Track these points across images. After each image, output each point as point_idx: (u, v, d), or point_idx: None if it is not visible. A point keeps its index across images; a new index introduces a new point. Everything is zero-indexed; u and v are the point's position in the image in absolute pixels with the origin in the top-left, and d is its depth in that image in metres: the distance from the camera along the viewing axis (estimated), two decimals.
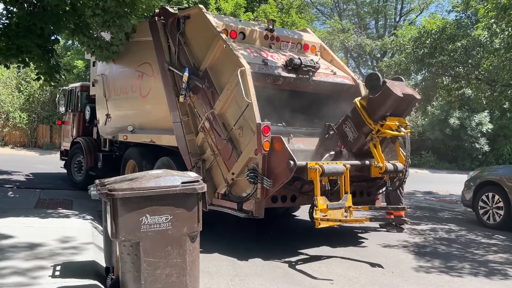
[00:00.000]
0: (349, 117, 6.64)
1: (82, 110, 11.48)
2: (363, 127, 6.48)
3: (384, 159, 6.51)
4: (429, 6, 32.40)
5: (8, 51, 7.40)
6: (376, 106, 6.38)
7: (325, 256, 6.13)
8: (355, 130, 6.57)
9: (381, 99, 6.30)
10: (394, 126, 6.40)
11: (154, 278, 3.65)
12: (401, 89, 6.38)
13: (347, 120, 6.66)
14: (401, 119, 6.51)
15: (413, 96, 6.53)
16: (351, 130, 6.62)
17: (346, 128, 6.67)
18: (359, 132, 6.53)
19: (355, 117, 6.56)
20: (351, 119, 6.62)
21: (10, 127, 23.18)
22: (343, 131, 6.70)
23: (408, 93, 6.45)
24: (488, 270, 5.79)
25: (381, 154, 6.52)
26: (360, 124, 6.50)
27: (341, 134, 6.72)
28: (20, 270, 4.42)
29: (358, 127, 6.54)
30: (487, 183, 8.78)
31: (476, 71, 13.86)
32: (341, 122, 6.73)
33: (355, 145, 6.64)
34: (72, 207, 8.08)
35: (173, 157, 7.40)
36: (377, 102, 6.35)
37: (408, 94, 6.43)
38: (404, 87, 6.60)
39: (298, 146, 7.00)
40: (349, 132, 6.64)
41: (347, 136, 6.66)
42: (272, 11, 19.81)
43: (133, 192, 3.59)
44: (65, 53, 25.31)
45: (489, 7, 11.23)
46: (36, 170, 14.15)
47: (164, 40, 7.50)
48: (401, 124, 6.46)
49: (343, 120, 6.70)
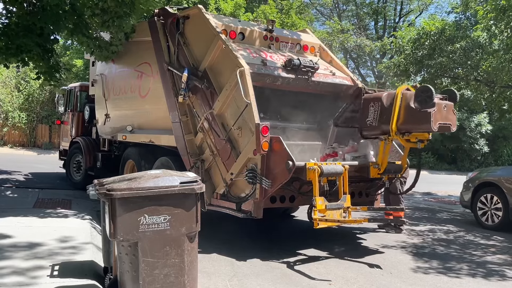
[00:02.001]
0: (382, 102, 6.21)
1: (81, 110, 11.48)
2: (385, 125, 6.20)
3: (386, 161, 6.47)
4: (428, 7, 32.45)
5: (8, 50, 7.40)
6: (410, 119, 6.04)
7: (323, 257, 6.13)
8: (377, 119, 6.25)
9: (418, 118, 5.96)
10: (414, 139, 6.25)
11: (152, 278, 3.65)
12: (443, 117, 5.99)
13: (378, 102, 6.22)
14: (425, 135, 6.31)
15: (449, 127, 6.20)
16: (373, 116, 6.28)
17: (371, 108, 6.28)
18: (378, 124, 6.24)
19: (386, 109, 6.16)
20: (381, 106, 6.19)
21: (9, 126, 23.18)
22: (367, 109, 6.32)
23: (446, 124, 6.08)
24: (486, 271, 5.80)
25: (386, 156, 6.47)
26: (384, 120, 6.17)
27: (364, 109, 6.36)
28: (19, 269, 4.42)
29: (381, 119, 6.21)
30: (485, 184, 8.79)
31: (475, 72, 13.86)
32: (372, 98, 6.32)
33: (366, 130, 6.41)
34: (71, 207, 8.08)
35: (172, 157, 7.41)
36: (413, 117, 5.99)
37: (445, 126, 6.08)
38: (448, 113, 6.14)
39: (294, 140, 7.07)
40: (371, 115, 6.29)
41: (367, 116, 6.32)
42: (271, 11, 19.84)
43: (131, 192, 3.60)
44: (65, 52, 25.31)
45: (488, 9, 11.25)
46: (35, 169, 14.14)
47: (164, 40, 7.51)
48: (422, 138, 6.30)
49: (375, 99, 6.27)
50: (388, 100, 6.21)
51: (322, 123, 7.76)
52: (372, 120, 6.31)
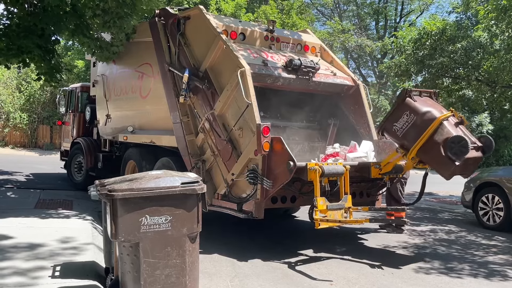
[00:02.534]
0: (417, 118, 5.82)
1: (82, 111, 11.50)
2: (407, 142, 5.93)
3: (390, 167, 6.43)
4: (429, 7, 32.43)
5: (9, 51, 7.41)
6: (433, 157, 5.78)
7: (324, 257, 6.13)
8: (403, 131, 5.93)
9: (440, 161, 5.71)
10: (420, 166, 6.18)
11: (153, 278, 3.65)
12: (464, 168, 5.80)
13: (414, 116, 5.82)
14: None
15: (464, 175, 6.14)
16: (402, 125, 5.92)
17: (404, 116, 5.90)
18: (402, 136, 5.97)
19: (417, 129, 5.80)
20: (415, 122, 5.82)
21: (10, 127, 23.22)
22: (401, 113, 5.94)
23: (462, 173, 6.01)
24: (487, 271, 5.79)
25: (392, 164, 6.39)
26: (410, 137, 5.87)
27: (397, 110, 5.98)
28: (20, 270, 4.42)
29: (407, 134, 5.90)
30: (487, 184, 8.77)
31: (476, 72, 13.84)
32: (411, 107, 5.87)
33: (387, 132, 6.18)
34: (72, 208, 8.09)
35: (173, 158, 7.41)
36: (437, 157, 5.70)
37: (460, 174, 5.98)
38: (471, 165, 5.97)
39: (294, 138, 7.11)
40: (400, 122, 5.93)
41: (396, 120, 5.96)
42: (272, 12, 19.85)
43: (132, 193, 3.60)
44: (66, 53, 25.34)
45: (489, 8, 11.24)
46: (36, 170, 14.16)
47: (164, 41, 7.52)
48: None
49: (413, 110, 5.83)
50: (424, 121, 5.81)
51: (323, 123, 7.76)
52: (398, 129, 6.00)
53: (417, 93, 6.17)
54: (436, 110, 5.98)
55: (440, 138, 5.68)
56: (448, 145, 5.59)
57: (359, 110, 7.60)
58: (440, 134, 5.70)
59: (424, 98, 6.20)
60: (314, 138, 7.69)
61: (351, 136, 7.36)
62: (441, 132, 5.72)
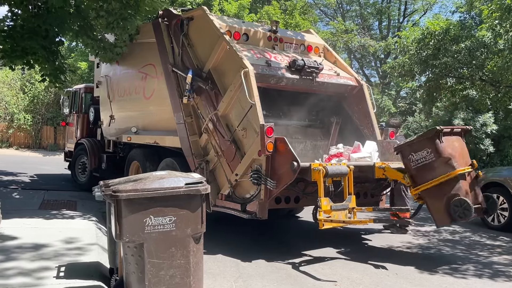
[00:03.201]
0: (436, 160, 5.78)
1: (86, 112, 11.53)
2: (418, 177, 5.93)
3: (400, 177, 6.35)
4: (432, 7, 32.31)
5: (13, 52, 7.44)
6: (434, 205, 5.88)
7: (328, 258, 6.12)
8: (418, 166, 5.90)
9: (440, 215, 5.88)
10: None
11: (158, 279, 3.65)
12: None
13: (435, 157, 5.77)
14: None
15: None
16: (419, 159, 5.87)
17: (424, 152, 5.84)
18: (415, 169, 5.92)
19: (432, 170, 5.78)
20: (433, 162, 5.77)
21: (14, 128, 23.31)
22: (422, 146, 5.86)
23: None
24: (492, 272, 5.77)
25: (397, 173, 6.37)
26: (422, 175, 5.87)
27: (419, 144, 5.89)
28: (25, 270, 4.44)
29: (421, 170, 5.87)
30: (491, 184, 8.74)
31: (480, 72, 13.79)
32: (435, 146, 5.79)
33: (404, 159, 6.10)
34: (76, 208, 8.12)
35: (176, 158, 7.42)
36: (437, 209, 5.86)
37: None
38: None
39: (296, 137, 7.15)
40: (419, 155, 5.87)
41: (414, 152, 5.91)
42: (275, 12, 19.84)
43: (137, 193, 3.60)
44: (69, 54, 25.42)
45: (493, 8, 11.19)
46: (41, 171, 14.21)
47: (168, 42, 7.53)
48: None
49: (436, 150, 5.77)
50: (441, 166, 5.78)
51: (325, 121, 7.76)
52: (414, 160, 5.92)
53: (448, 130, 6.07)
54: (458, 159, 5.91)
55: (448, 191, 5.73)
56: (451, 206, 5.71)
57: (363, 110, 7.60)
58: (451, 187, 5.73)
59: (453, 137, 6.08)
60: (317, 136, 7.70)
61: (354, 136, 7.36)
62: (453, 185, 5.75)
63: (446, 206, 5.78)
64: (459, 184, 5.80)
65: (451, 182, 5.78)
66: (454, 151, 5.94)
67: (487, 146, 25.62)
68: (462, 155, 6.05)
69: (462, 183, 5.83)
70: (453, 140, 6.06)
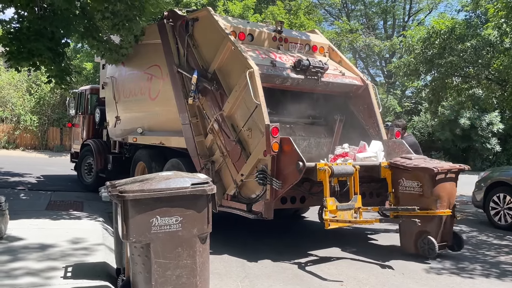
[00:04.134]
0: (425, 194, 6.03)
1: (92, 113, 11.59)
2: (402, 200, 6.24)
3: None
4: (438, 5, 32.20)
5: (19, 54, 7.49)
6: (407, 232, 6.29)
7: (334, 258, 6.11)
8: (406, 192, 6.22)
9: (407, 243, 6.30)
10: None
11: (164, 279, 3.67)
12: None
13: (425, 192, 6.01)
14: None
15: None
16: (409, 187, 6.18)
17: (414, 183, 6.10)
18: (405, 194, 6.22)
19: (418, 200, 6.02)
20: (422, 195, 6.03)
21: (21, 129, 23.46)
22: (412, 176, 6.13)
23: None
24: (499, 272, 5.74)
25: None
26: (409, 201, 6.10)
27: (411, 174, 6.14)
28: (32, 271, 4.47)
29: (410, 197, 6.14)
30: (498, 183, 8.70)
31: (486, 71, 13.73)
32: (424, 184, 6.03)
33: (394, 179, 6.43)
34: (83, 209, 8.16)
35: (182, 159, 7.44)
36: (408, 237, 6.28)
37: None
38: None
39: (300, 134, 7.16)
40: (409, 183, 6.16)
41: (405, 179, 6.20)
42: (280, 12, 19.85)
43: (143, 194, 3.62)
44: (75, 56, 25.55)
45: (499, 6, 11.15)
46: (47, 172, 14.29)
47: (173, 43, 7.55)
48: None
49: (427, 188, 6.00)
50: (426, 202, 6.04)
51: (329, 119, 7.75)
52: (403, 185, 6.25)
53: (445, 170, 6.21)
54: (443, 200, 6.09)
55: (422, 226, 5.92)
56: (419, 241, 6.13)
57: (368, 110, 7.58)
58: (425, 224, 5.98)
59: (446, 178, 6.20)
60: (321, 134, 7.69)
61: (360, 136, 7.34)
62: (428, 223, 6.02)
63: (416, 239, 6.16)
64: (434, 223, 6.09)
65: (428, 219, 6.03)
66: (443, 192, 6.11)
67: (494, 145, 25.52)
68: (449, 197, 6.20)
69: (437, 223, 6.10)
70: (446, 181, 6.19)
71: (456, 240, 6.41)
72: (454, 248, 6.40)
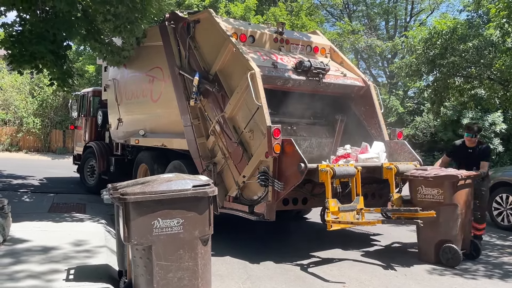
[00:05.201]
0: (445, 202, 5.91)
1: (94, 115, 11.61)
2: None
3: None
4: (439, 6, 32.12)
5: (22, 57, 7.51)
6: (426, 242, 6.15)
7: (337, 259, 6.10)
8: (426, 200, 6.08)
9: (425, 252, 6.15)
10: None
11: (166, 281, 3.67)
12: None
13: (445, 199, 5.89)
14: None
15: None
16: (428, 195, 6.04)
17: (434, 191, 5.97)
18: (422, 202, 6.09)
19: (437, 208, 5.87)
20: (442, 203, 5.90)
21: (24, 132, 23.50)
22: (433, 184, 6.00)
23: None
24: (502, 272, 5.72)
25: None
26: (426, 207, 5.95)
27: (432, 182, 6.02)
28: (34, 273, 4.48)
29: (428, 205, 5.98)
30: (501, 184, 8.67)
31: (488, 71, 13.69)
32: (445, 191, 5.93)
33: (412, 188, 6.33)
34: (85, 211, 8.16)
35: (184, 161, 7.44)
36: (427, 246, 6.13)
37: None
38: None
39: (301, 134, 7.17)
40: (428, 191, 6.04)
41: (424, 186, 6.07)
42: (281, 13, 19.84)
43: (145, 196, 3.62)
44: (77, 58, 25.60)
45: (501, 6, 11.11)
46: (50, 174, 14.31)
47: (175, 45, 7.56)
48: None
49: (448, 196, 5.90)
50: (446, 210, 5.94)
51: (330, 119, 7.75)
52: (422, 193, 6.14)
53: (465, 176, 6.15)
54: (462, 206, 6.00)
55: (443, 234, 5.88)
56: (441, 251, 5.92)
57: (370, 110, 7.58)
58: (446, 231, 5.90)
59: (466, 184, 6.14)
60: (322, 134, 7.69)
61: (362, 137, 7.34)
62: (448, 229, 5.91)
63: (436, 247, 5.97)
64: (455, 231, 5.92)
65: (450, 227, 5.92)
66: (462, 199, 6.02)
67: (496, 145, 25.43)
68: (466, 203, 6.11)
69: (459, 230, 5.94)
70: (465, 187, 6.11)
71: (474, 246, 6.28)
72: (473, 256, 6.25)
